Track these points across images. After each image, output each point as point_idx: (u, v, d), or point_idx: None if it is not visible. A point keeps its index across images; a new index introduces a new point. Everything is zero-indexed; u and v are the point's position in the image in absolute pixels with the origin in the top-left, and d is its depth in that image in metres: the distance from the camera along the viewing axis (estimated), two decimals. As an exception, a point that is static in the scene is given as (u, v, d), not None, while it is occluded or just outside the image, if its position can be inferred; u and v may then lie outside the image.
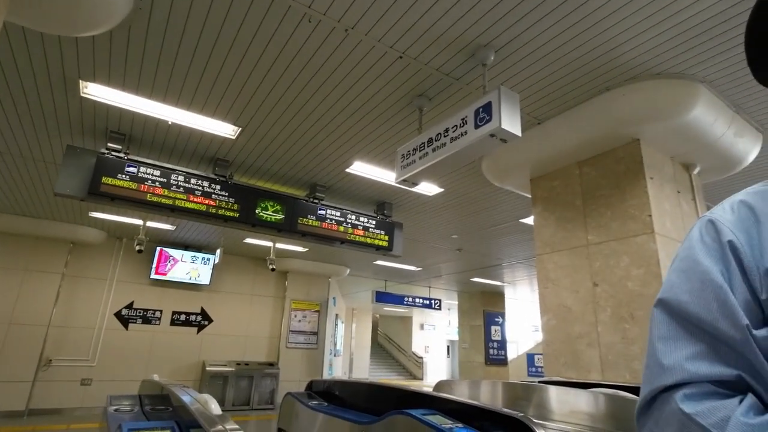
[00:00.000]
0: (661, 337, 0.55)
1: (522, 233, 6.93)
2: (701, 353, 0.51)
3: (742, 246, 0.54)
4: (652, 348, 0.56)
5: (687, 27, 2.52)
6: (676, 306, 0.55)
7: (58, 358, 7.47)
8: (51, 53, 3.02)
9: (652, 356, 0.55)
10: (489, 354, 11.79)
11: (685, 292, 0.55)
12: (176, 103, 3.61)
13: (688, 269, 0.57)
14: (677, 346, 0.53)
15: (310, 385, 4.06)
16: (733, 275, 0.53)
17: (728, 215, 0.58)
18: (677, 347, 0.53)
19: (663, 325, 0.56)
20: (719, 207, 0.61)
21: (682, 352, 0.52)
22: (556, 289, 3.67)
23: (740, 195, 0.61)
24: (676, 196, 3.45)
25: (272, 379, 8.97)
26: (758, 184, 0.61)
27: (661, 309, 0.57)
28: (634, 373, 2.97)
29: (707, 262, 0.55)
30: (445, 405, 2.24)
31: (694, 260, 0.57)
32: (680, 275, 0.58)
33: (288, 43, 2.83)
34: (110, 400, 2.82)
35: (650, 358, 0.56)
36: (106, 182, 3.91)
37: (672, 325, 0.55)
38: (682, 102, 2.99)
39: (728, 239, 0.55)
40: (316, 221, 5.08)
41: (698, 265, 0.56)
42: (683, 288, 0.56)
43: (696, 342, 0.52)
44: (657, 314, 0.58)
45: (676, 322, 0.55)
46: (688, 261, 0.58)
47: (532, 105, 3.42)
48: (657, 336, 0.56)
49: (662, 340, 0.55)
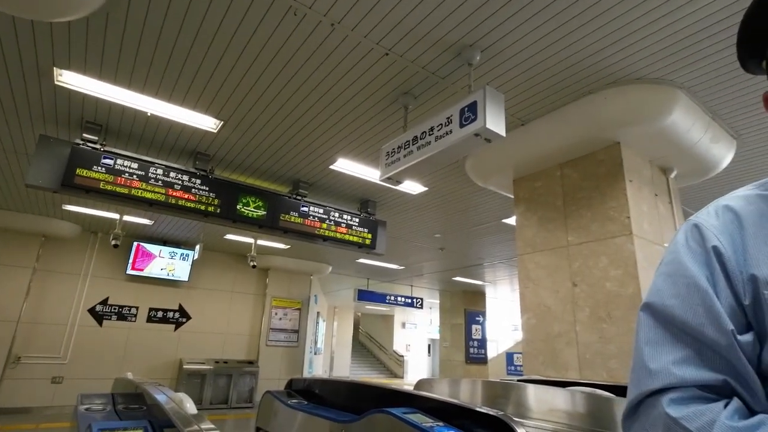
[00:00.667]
0: (648, 341, 0.55)
1: (504, 233, 7.00)
2: (688, 358, 0.51)
3: (726, 251, 0.54)
4: (638, 352, 0.56)
5: (667, 34, 2.58)
6: (663, 310, 0.55)
7: (27, 356, 7.22)
8: (23, 39, 2.90)
9: (638, 360, 0.55)
10: (469, 353, 11.91)
11: (672, 296, 0.55)
12: (155, 94, 3.51)
13: (674, 273, 0.58)
14: (664, 350, 0.53)
15: (290, 384, 4.02)
16: (717, 281, 0.53)
17: (713, 220, 0.59)
18: (664, 351, 0.53)
19: (650, 329, 0.56)
20: (704, 211, 0.61)
21: (669, 356, 0.52)
22: (537, 289, 3.71)
23: (725, 199, 0.61)
24: (653, 198, 3.52)
25: (251, 377, 8.86)
26: (743, 188, 0.62)
27: (647, 313, 0.57)
28: (611, 371, 3.03)
29: (693, 267, 0.56)
30: (426, 403, 2.24)
31: (680, 264, 0.57)
32: (666, 279, 0.58)
33: (273, 36, 2.78)
34: (81, 398, 2.73)
35: (637, 361, 0.55)
36: (80, 174, 3.78)
37: (659, 330, 0.55)
38: (661, 107, 3.06)
39: (713, 245, 0.55)
40: (299, 218, 5.03)
41: (684, 269, 0.56)
42: (669, 292, 0.56)
43: (682, 347, 0.52)
44: (643, 317, 0.58)
45: (663, 327, 0.55)
46: (674, 265, 0.58)
47: (516, 106, 3.45)
48: (644, 340, 0.56)
49: (649, 344, 0.55)
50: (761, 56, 0.62)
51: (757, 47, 0.62)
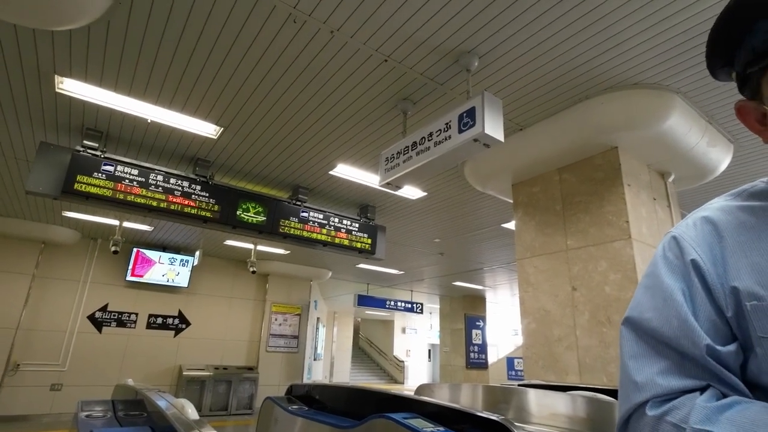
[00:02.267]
0: (632, 355, 0.56)
1: (503, 237, 7.01)
2: (670, 368, 0.52)
3: (705, 264, 0.54)
4: (624, 367, 0.57)
5: (663, 39, 2.60)
6: (641, 324, 0.56)
7: (26, 363, 7.19)
8: (25, 47, 2.93)
9: (625, 375, 0.56)
10: (470, 357, 11.88)
11: (650, 309, 0.56)
12: (156, 101, 3.53)
13: (652, 286, 0.58)
14: (647, 362, 0.54)
15: (290, 390, 4.01)
16: (695, 294, 0.54)
17: (691, 232, 0.59)
18: (647, 363, 0.54)
19: (632, 342, 0.57)
20: (683, 222, 0.62)
21: (653, 368, 0.53)
22: (536, 293, 3.72)
23: (703, 210, 0.61)
24: (652, 202, 3.54)
25: (251, 383, 8.82)
26: (720, 198, 0.62)
27: (628, 327, 0.58)
28: (611, 376, 3.03)
29: (669, 280, 0.56)
30: (426, 408, 2.24)
31: (657, 277, 0.58)
32: (645, 292, 0.59)
33: (272, 43, 2.81)
34: (81, 405, 2.72)
35: (624, 376, 0.56)
36: (81, 180, 3.79)
37: (640, 343, 0.56)
38: (658, 111, 3.08)
39: (691, 258, 0.56)
40: (299, 223, 5.04)
41: (661, 282, 0.57)
42: (648, 305, 0.57)
43: (664, 358, 0.53)
44: (625, 332, 0.58)
45: (643, 340, 0.56)
46: (652, 278, 0.59)
47: (514, 111, 3.47)
48: (627, 354, 0.57)
49: (633, 358, 0.56)
50: (730, 65, 0.62)
51: (726, 59, 0.62)
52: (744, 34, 0.58)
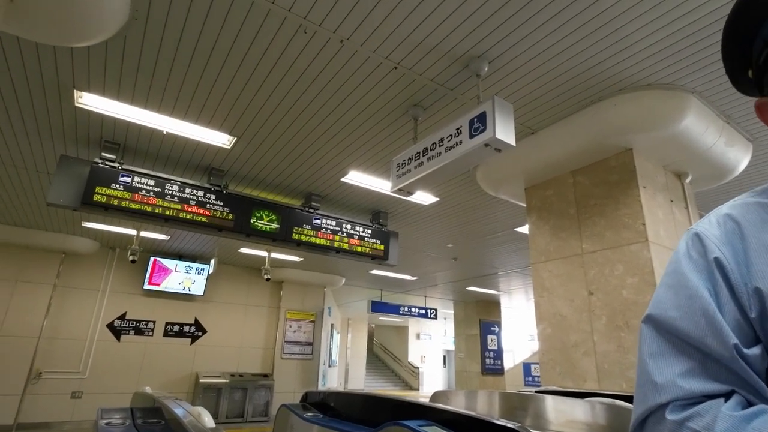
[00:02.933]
0: (652, 354, 0.54)
1: (517, 242, 6.94)
2: (693, 370, 0.50)
3: (729, 263, 0.53)
4: (643, 365, 0.55)
5: (677, 39, 2.57)
6: (665, 322, 0.55)
7: (48, 371, 7.34)
8: (46, 63, 3.02)
9: (643, 374, 0.54)
10: (485, 363, 11.75)
11: (674, 308, 0.55)
12: (171, 112, 3.60)
13: (675, 285, 0.57)
14: (668, 362, 0.52)
15: (306, 397, 4.02)
16: (720, 293, 0.52)
17: (715, 230, 0.57)
18: (668, 364, 0.52)
19: (652, 341, 0.55)
20: (705, 219, 0.60)
21: (674, 368, 0.51)
22: (552, 298, 3.67)
23: (726, 208, 0.60)
24: (668, 204, 3.48)
25: (267, 390, 8.86)
26: (743, 195, 0.60)
27: (649, 325, 0.57)
28: (630, 381, 2.97)
29: (694, 278, 0.55)
30: (442, 416, 2.22)
31: (681, 275, 0.56)
32: (668, 290, 0.57)
33: (283, 54, 2.85)
34: (101, 413, 2.77)
35: (642, 376, 0.55)
36: (99, 192, 3.88)
37: (661, 342, 0.54)
38: (673, 112, 3.03)
39: (714, 256, 0.54)
40: (312, 231, 5.07)
41: (686, 280, 0.55)
42: (671, 304, 0.55)
43: (686, 358, 0.51)
44: (645, 330, 0.57)
45: (665, 339, 0.54)
46: (675, 276, 0.57)
47: (525, 115, 3.46)
48: (647, 353, 0.55)
49: (653, 357, 0.54)
50: (748, 65, 0.61)
51: (742, 58, 0.61)
52: (758, 27, 0.57)
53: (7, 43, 2.82)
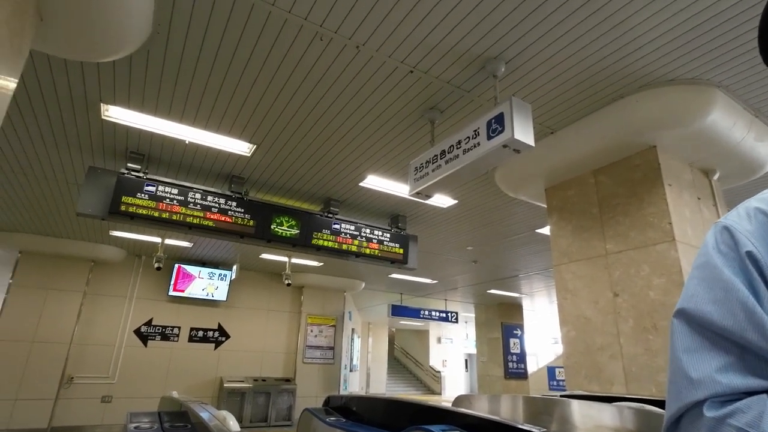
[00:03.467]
0: (686, 349, 0.52)
1: (538, 243, 6.84)
2: (732, 365, 0.49)
3: (763, 258, 0.51)
4: (676, 361, 0.53)
5: (700, 32, 2.50)
6: (700, 316, 0.53)
7: (79, 376, 7.58)
8: (74, 79, 3.14)
9: (677, 370, 0.52)
10: (508, 367, 11.57)
11: (709, 302, 0.52)
12: (193, 122, 3.69)
13: (708, 278, 0.54)
14: (704, 357, 0.50)
15: (328, 401, 4.03)
16: (758, 287, 0.50)
17: (745, 223, 0.55)
18: (704, 359, 0.50)
19: (686, 336, 0.53)
20: (734, 212, 0.58)
21: (712, 363, 0.49)
22: (575, 300, 3.60)
23: (755, 200, 0.58)
24: (696, 202, 3.38)
25: (289, 394, 8.93)
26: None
27: (682, 320, 0.55)
28: (660, 386, 2.88)
29: (728, 271, 0.53)
30: (465, 420, 2.20)
31: (714, 269, 0.54)
32: (700, 284, 0.55)
33: (301, 61, 2.89)
34: (130, 417, 2.84)
35: (675, 372, 0.52)
36: (126, 201, 4.00)
37: (696, 337, 0.52)
38: (698, 107, 2.95)
39: (747, 250, 0.52)
40: (331, 235, 5.10)
41: (719, 273, 0.53)
42: (706, 297, 0.53)
43: (724, 353, 0.49)
44: (678, 325, 0.55)
45: (700, 334, 0.52)
46: (707, 269, 0.55)
47: (544, 114, 3.41)
48: (681, 348, 0.53)
49: (687, 353, 0.52)
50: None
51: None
52: None
53: (38, 62, 2.94)
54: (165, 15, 2.53)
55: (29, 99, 3.39)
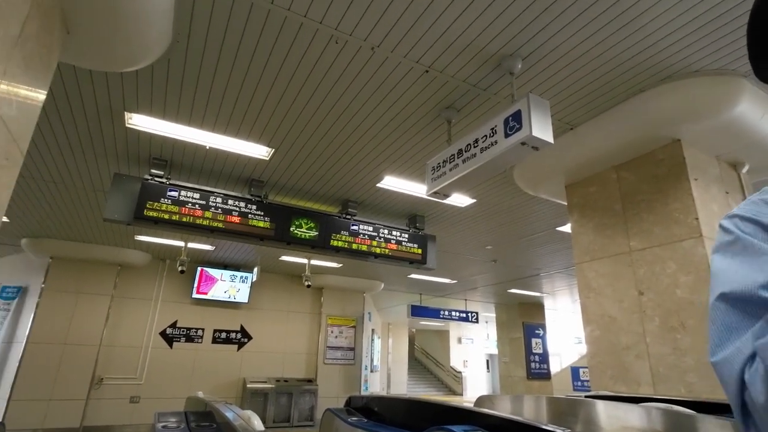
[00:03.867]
0: (727, 325, 0.50)
1: (559, 242, 6.73)
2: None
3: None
4: (717, 332, 0.50)
5: (723, 22, 2.42)
6: (748, 293, 0.48)
7: (108, 377, 7.81)
8: (99, 89, 3.24)
9: (721, 331, 0.50)
10: (530, 368, 11.40)
11: (756, 273, 0.48)
12: (213, 128, 3.77)
13: (749, 256, 0.51)
14: (746, 328, 0.47)
15: (349, 401, 4.05)
16: None
17: (751, 207, 0.55)
18: (746, 329, 0.47)
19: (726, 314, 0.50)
20: (740, 206, 0.57)
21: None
22: (599, 299, 3.53)
23: (756, 195, 0.58)
24: (724, 197, 3.27)
25: (311, 395, 9.00)
26: None
27: (722, 301, 0.51)
28: (690, 386, 2.80)
29: (765, 245, 0.50)
30: (487, 421, 2.18)
31: (749, 246, 0.51)
32: (731, 266, 0.52)
33: (316, 65, 2.92)
34: (158, 417, 2.92)
35: (718, 333, 0.50)
36: (150, 207, 4.11)
37: (735, 312, 0.49)
38: (725, 99, 2.86)
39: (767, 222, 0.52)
40: (349, 237, 5.13)
41: (759, 247, 0.50)
42: (749, 275, 0.49)
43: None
44: (722, 306, 0.51)
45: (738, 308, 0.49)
46: (738, 248, 0.53)
47: (563, 111, 3.36)
48: (723, 324, 0.50)
49: (727, 328, 0.50)
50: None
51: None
52: None
53: (65, 73, 3.05)
54: (184, 25, 2.59)
55: (57, 110, 3.51)
